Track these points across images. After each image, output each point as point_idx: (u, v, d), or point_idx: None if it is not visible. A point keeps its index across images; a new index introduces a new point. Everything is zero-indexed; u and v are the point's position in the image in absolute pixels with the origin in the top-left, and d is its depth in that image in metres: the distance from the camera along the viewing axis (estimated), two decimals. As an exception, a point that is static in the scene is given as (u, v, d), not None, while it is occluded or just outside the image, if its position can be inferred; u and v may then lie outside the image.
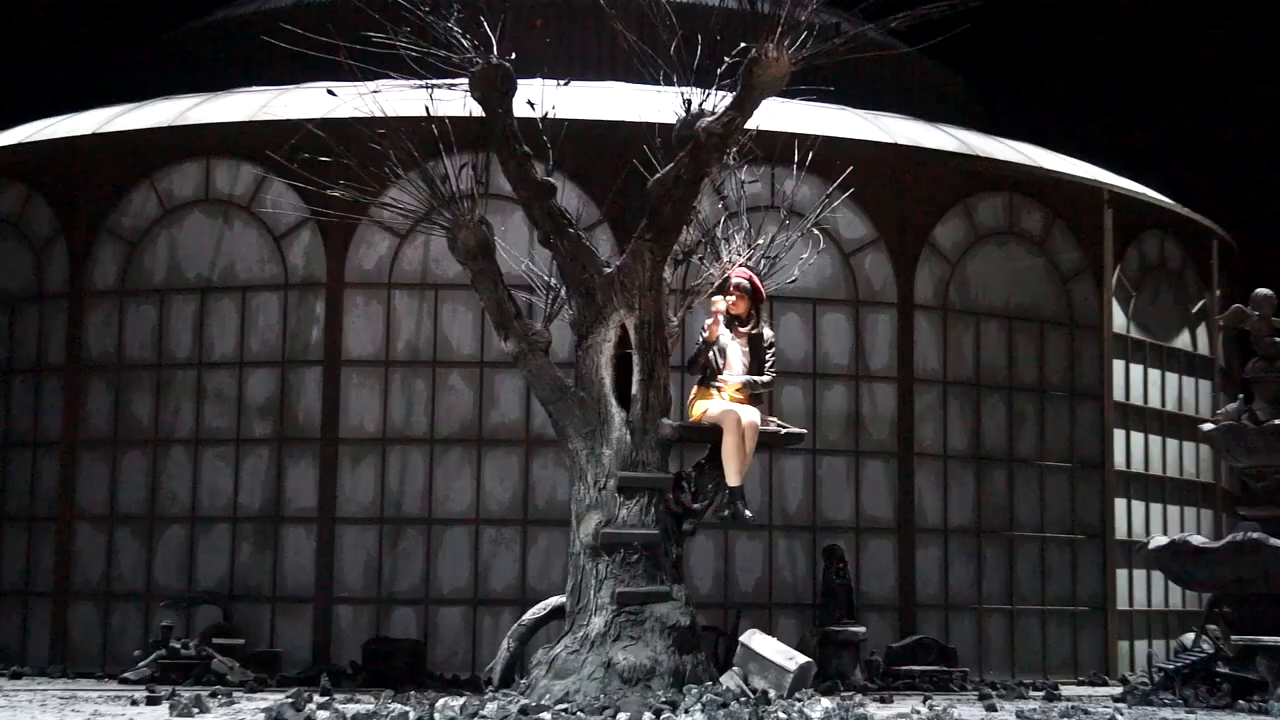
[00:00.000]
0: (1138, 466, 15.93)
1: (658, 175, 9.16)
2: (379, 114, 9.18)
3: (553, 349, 9.17)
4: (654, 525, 9.00)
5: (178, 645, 12.43)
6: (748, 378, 9.42)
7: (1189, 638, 12.04)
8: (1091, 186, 15.72)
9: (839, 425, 14.21)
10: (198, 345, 14.01)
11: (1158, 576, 15.08)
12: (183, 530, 13.83)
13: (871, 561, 14.07)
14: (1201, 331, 16.87)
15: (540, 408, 9.56)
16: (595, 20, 13.37)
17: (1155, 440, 16.18)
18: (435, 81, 9.15)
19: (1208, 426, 11.65)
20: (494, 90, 9.23)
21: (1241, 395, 11.53)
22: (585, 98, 14.02)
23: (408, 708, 8.32)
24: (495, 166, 13.89)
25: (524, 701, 8.36)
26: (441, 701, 8.66)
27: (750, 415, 9.22)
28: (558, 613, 9.43)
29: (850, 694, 11.42)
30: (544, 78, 9.59)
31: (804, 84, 9.69)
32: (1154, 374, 16.22)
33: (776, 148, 10.62)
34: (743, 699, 8.55)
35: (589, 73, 14.63)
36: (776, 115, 12.78)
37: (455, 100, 9.26)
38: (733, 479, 9.18)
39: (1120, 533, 15.40)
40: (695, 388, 9.50)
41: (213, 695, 9.87)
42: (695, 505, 9.37)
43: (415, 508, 13.56)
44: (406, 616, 13.39)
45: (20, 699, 10.06)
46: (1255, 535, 10.55)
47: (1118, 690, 11.91)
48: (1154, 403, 16.23)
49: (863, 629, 13.10)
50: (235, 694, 10.22)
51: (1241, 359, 15.21)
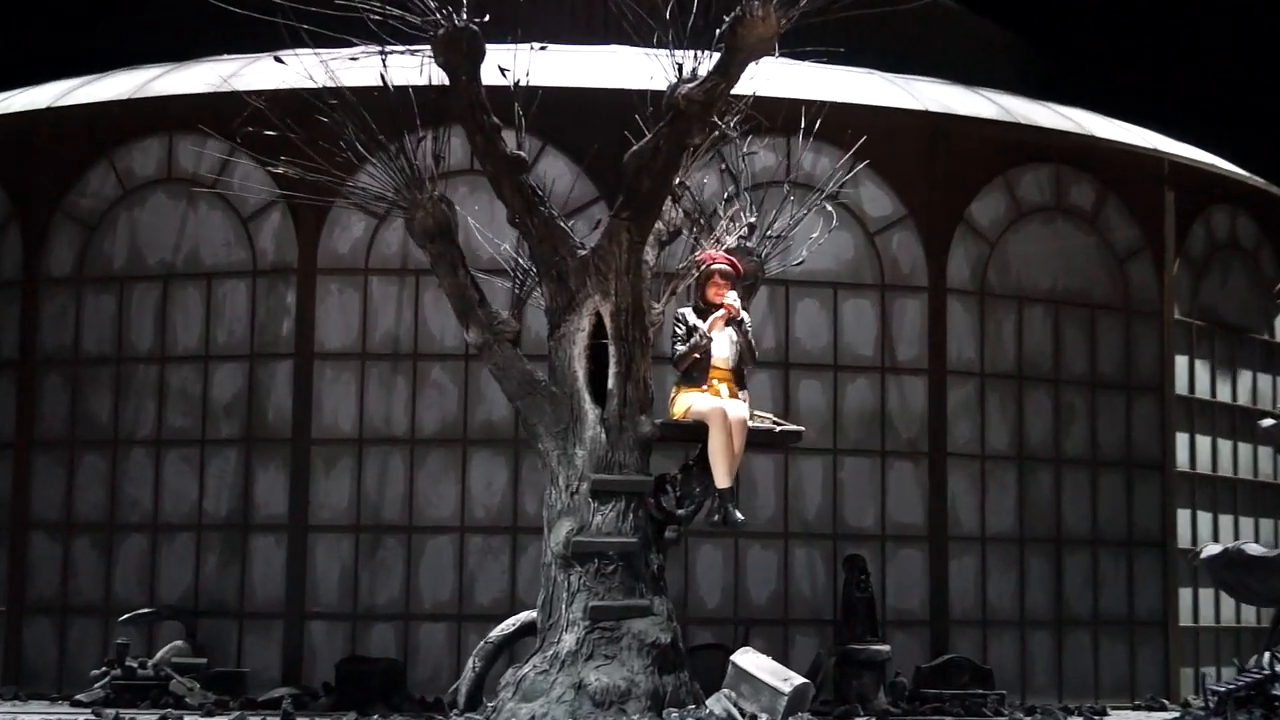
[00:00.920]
0: (1203, 468, 15.77)
1: (634, 147, 9.17)
2: (337, 84, 9.26)
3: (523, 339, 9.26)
4: (632, 533, 9.02)
5: (134, 664, 12.55)
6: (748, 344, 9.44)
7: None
8: (1150, 156, 15.53)
9: (863, 423, 14.11)
10: (160, 338, 14.08)
11: (1227, 589, 14.95)
12: (144, 539, 13.91)
13: (899, 573, 13.98)
14: (1280, 319, 16.76)
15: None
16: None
17: (1225, 440, 16.01)
18: (392, 48, 9.20)
19: (1268, 422, 11.50)
20: (459, 56, 9.26)
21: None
22: (583, 63, 14.04)
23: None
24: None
25: (486, 726, 8.41)
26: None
27: (738, 411, 9.23)
28: (528, 629, 9.48)
29: (871, 719, 11.40)
30: (518, 41, 9.61)
31: (821, 44, 9.66)
32: (1223, 365, 16.05)
33: (779, 116, 10.61)
34: (729, 724, 8.55)
35: (586, 35, 14.63)
36: (792, 80, 12.77)
37: (423, 68, 9.30)
38: (721, 480, 9.19)
39: (1184, 541, 15.23)
40: (678, 384, 9.51)
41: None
42: (680, 511, 9.39)
43: (394, 514, 13.57)
44: (385, 633, 13.41)
45: (-45, 724, 10.19)
46: (1315, 543, 10.41)
47: (1174, 715, 11.79)
48: (1223, 397, 16.04)
49: (886, 647, 12.94)
50: (189, 718, 10.30)
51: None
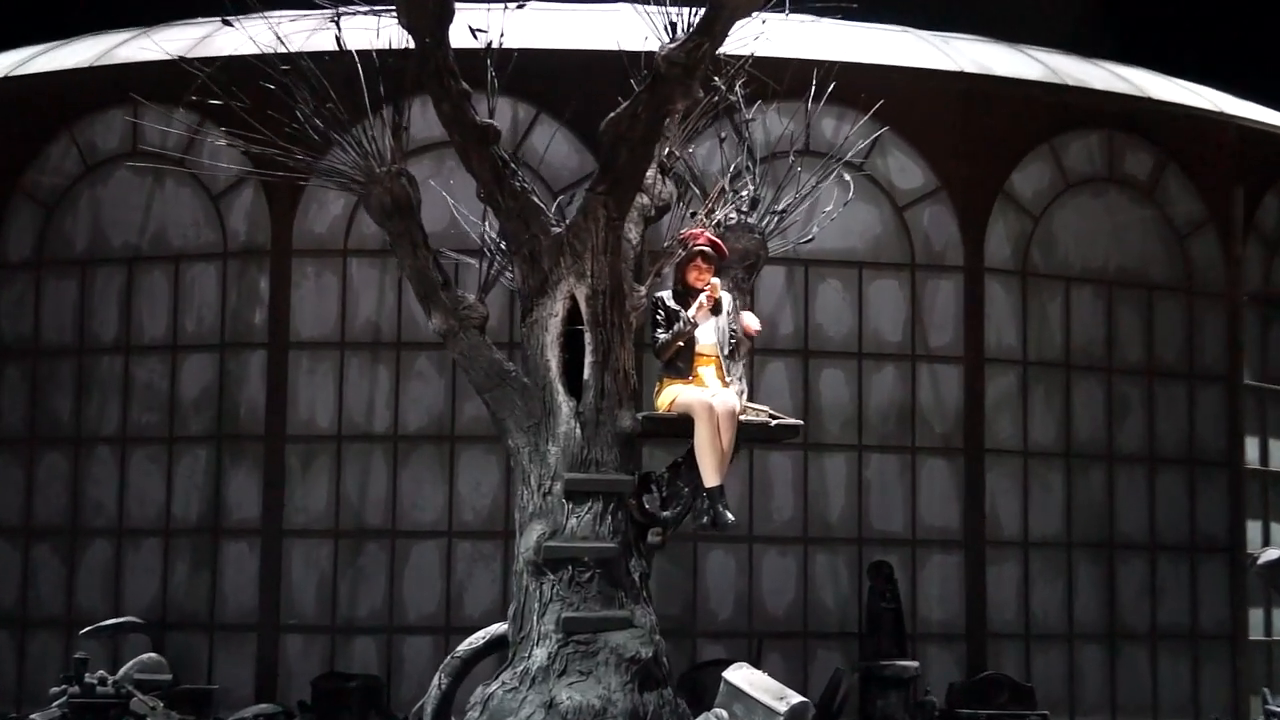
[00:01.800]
0: (1277, 465, 15.62)
1: (611, 115, 9.11)
2: (286, 48, 9.27)
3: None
4: (610, 536, 8.90)
5: (94, 681, 12.64)
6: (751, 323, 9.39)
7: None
8: (1215, 119, 15.38)
9: (891, 416, 14.05)
10: (125, 326, 14.19)
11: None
12: (108, 545, 14.03)
13: (931, 581, 13.91)
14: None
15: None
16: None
17: (1301, 434, 15.92)
18: (348, 8, 9.19)
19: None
20: (425, 15, 9.23)
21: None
22: (581, 22, 14.02)
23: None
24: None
25: (451, 748, 8.40)
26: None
27: (726, 402, 9.11)
28: (499, 643, 9.44)
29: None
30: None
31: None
32: (1300, 350, 15.95)
33: (797, 79, 10.52)
34: (719, 747, 8.51)
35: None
36: (814, 39, 12.73)
37: (384, 30, 9.31)
38: (709, 478, 9.06)
39: (1254, 546, 15.00)
40: (663, 374, 9.44)
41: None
42: (665, 513, 9.31)
43: (376, 518, 13.61)
44: (366, 647, 13.46)
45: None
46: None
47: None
48: (1300, 385, 15.95)
49: (914, 663, 12.95)
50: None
51: None
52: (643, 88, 9.08)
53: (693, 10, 9.29)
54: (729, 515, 9.09)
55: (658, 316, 9.51)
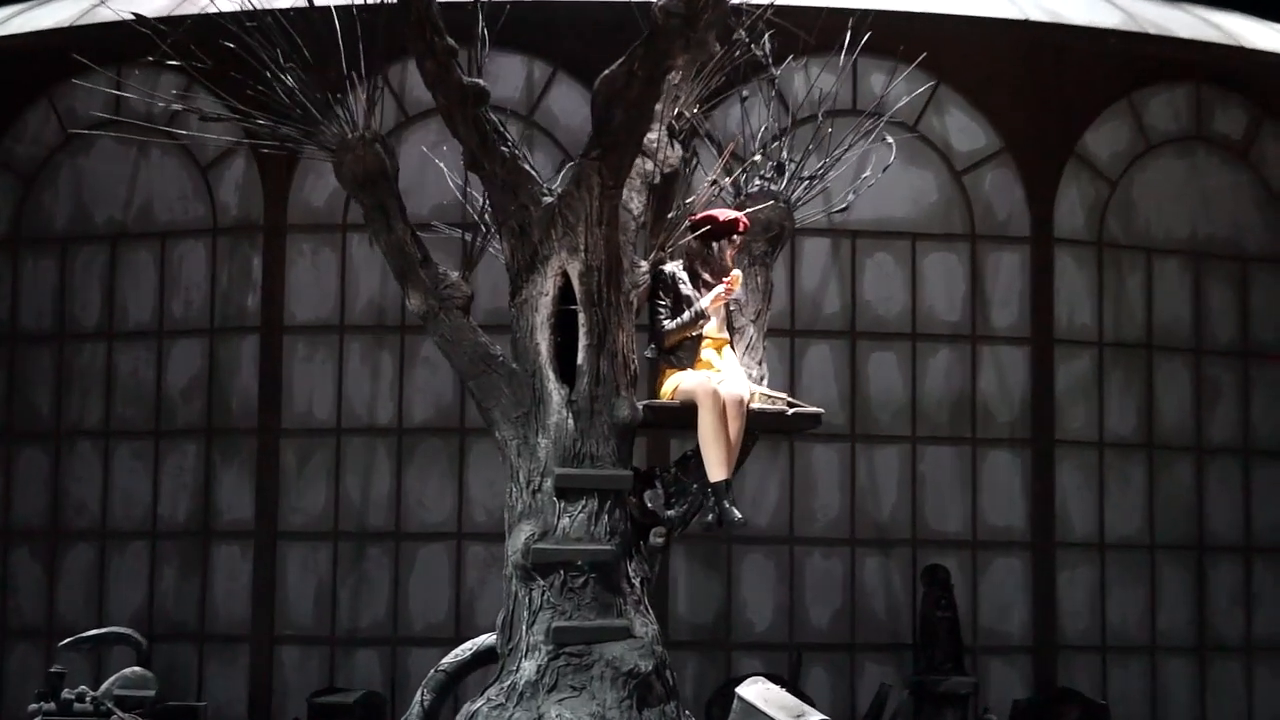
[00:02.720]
0: (1391, 456, 15.38)
1: (605, 72, 9.04)
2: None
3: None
4: (607, 538, 8.83)
5: (71, 696, 12.72)
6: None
7: None
8: (1320, 69, 15.18)
9: (948, 404, 13.93)
10: (108, 311, 14.28)
11: None
12: (91, 550, 14.14)
13: (994, 587, 13.79)
14: None
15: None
16: None
17: None
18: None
19: None
20: (406, -39, 9.21)
21: None
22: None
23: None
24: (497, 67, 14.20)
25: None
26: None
27: (734, 389, 9.01)
28: (487, 656, 9.41)
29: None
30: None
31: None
32: None
33: (838, 30, 10.42)
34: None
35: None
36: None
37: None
38: (715, 472, 8.96)
39: (1366, 546, 14.90)
40: (665, 366, 9.38)
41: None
42: (670, 511, 9.24)
43: (380, 519, 13.62)
44: (368, 661, 13.49)
45: None
46: None
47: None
48: None
49: (971, 678, 12.88)
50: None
51: None
52: (638, 42, 9.00)
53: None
54: (736, 513, 9.00)
55: (662, 298, 9.43)
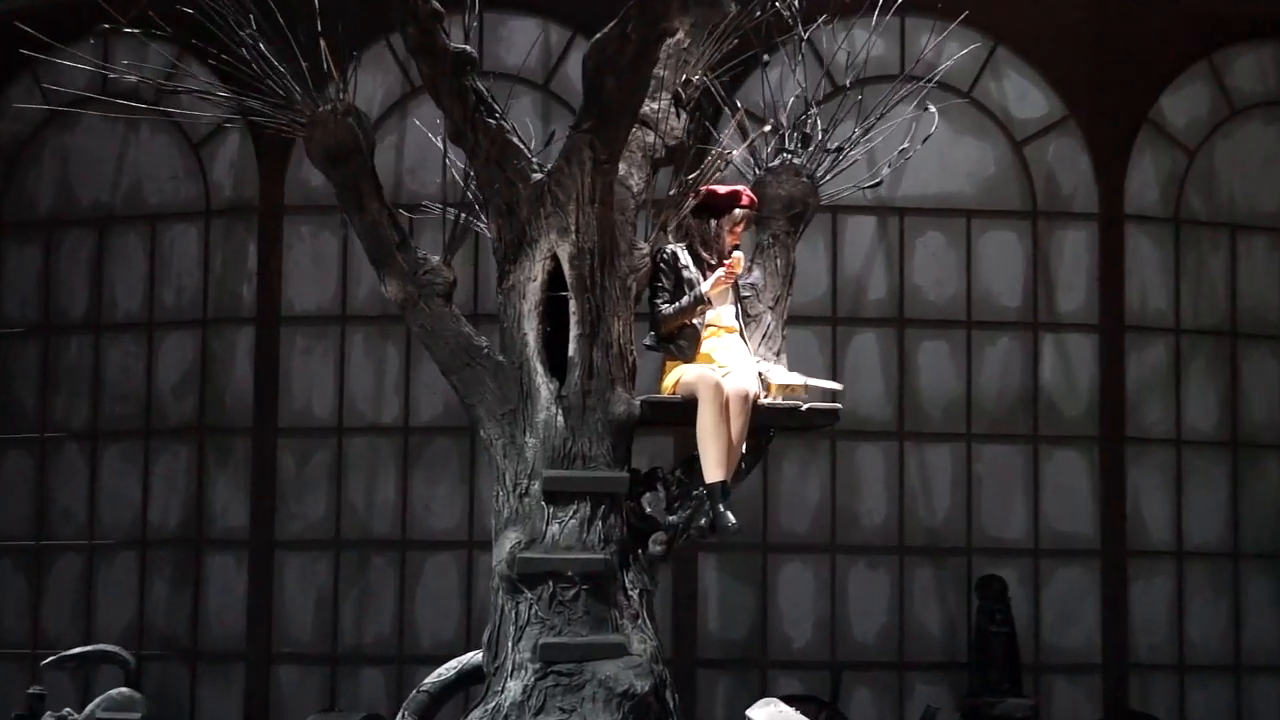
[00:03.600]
0: None
1: (596, 37, 8.98)
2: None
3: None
4: (600, 545, 8.73)
5: (52, 719, 12.83)
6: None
7: None
8: None
9: (1007, 398, 13.78)
10: (95, 300, 14.29)
11: None
12: (78, 560, 14.14)
13: (1058, 600, 13.63)
14: None
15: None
16: None
17: None
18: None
19: None
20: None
21: None
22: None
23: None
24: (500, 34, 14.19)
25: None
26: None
27: (739, 383, 8.90)
28: (473, 675, 9.37)
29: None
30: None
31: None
32: None
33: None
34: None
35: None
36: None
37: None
38: (711, 472, 8.81)
39: None
40: (667, 358, 9.30)
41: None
42: (671, 517, 9.18)
43: (385, 526, 13.58)
44: (373, 680, 13.42)
45: None
46: None
47: None
48: None
49: (1030, 701, 12.74)
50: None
51: None
52: (632, 2, 8.93)
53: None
54: (730, 517, 8.87)
55: (663, 280, 9.35)
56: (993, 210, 13.90)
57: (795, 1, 9.89)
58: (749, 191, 9.37)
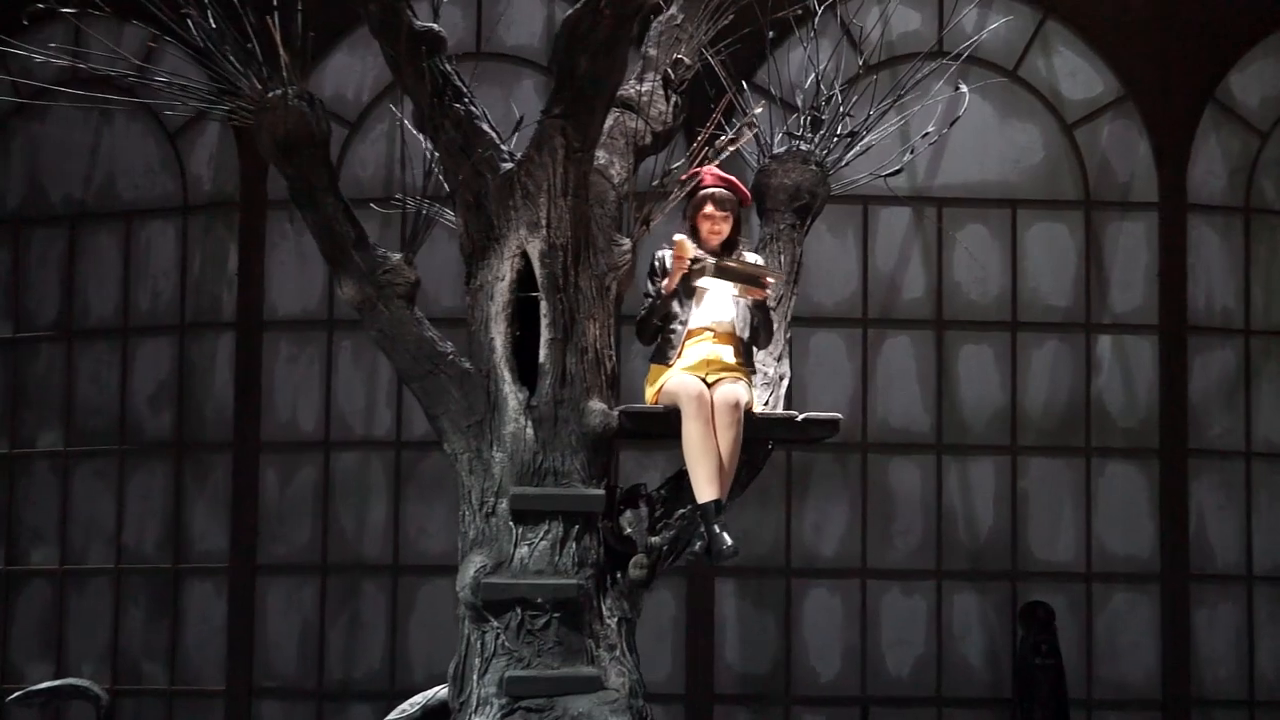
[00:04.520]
0: None
1: (568, 14, 8.98)
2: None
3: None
4: (573, 570, 8.73)
5: (15, 760, 12.95)
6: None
7: None
8: None
9: (1057, 407, 13.73)
10: (66, 304, 14.34)
11: None
12: (48, 586, 14.19)
13: (1112, 629, 13.59)
14: None
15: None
16: None
17: None
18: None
19: None
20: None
21: None
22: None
23: None
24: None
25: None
26: None
27: (726, 392, 8.87)
28: (438, 712, 9.39)
29: None
30: None
31: None
32: None
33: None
34: None
35: None
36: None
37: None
38: (703, 491, 8.78)
39: None
40: (652, 364, 9.29)
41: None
42: (653, 538, 9.16)
43: (376, 549, 13.59)
44: (363, 716, 13.38)
45: None
46: None
47: None
48: None
49: (1078, 740, 12.67)
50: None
51: None
52: (603, -22, 8.93)
53: None
54: (727, 539, 8.85)
55: (652, 281, 9.40)
56: (1041, 200, 13.89)
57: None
58: (713, 171, 9.37)
